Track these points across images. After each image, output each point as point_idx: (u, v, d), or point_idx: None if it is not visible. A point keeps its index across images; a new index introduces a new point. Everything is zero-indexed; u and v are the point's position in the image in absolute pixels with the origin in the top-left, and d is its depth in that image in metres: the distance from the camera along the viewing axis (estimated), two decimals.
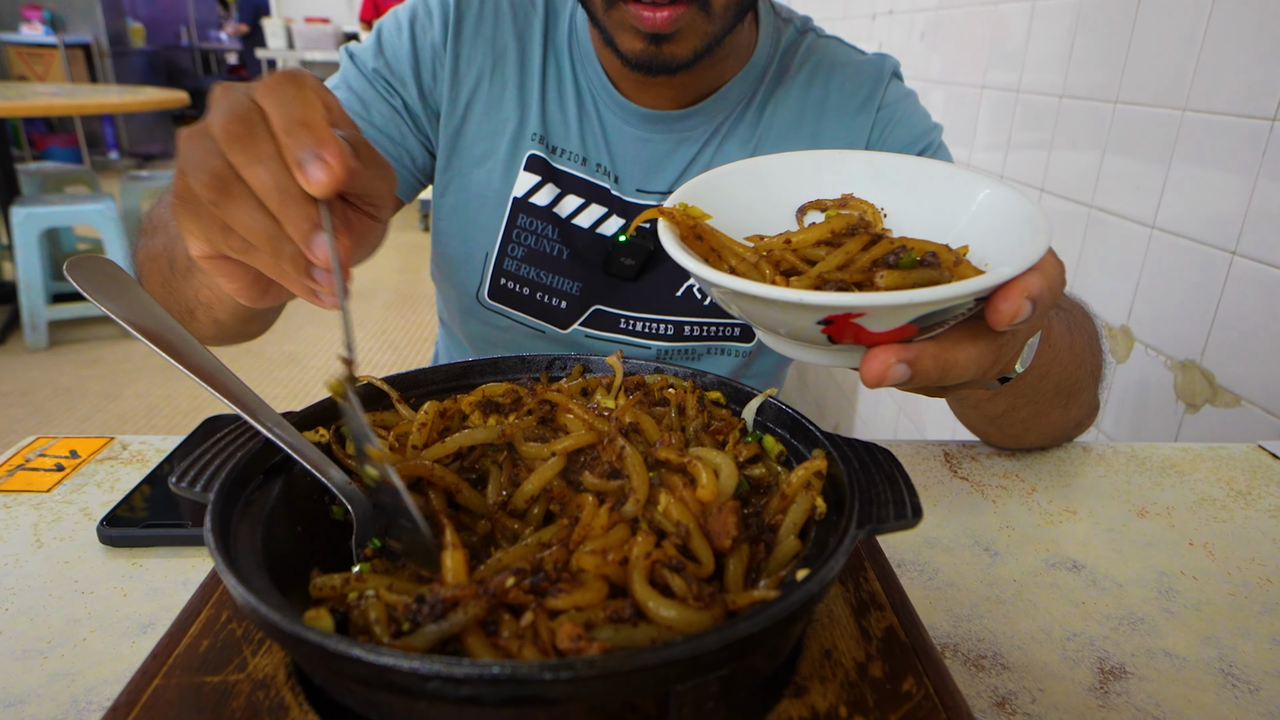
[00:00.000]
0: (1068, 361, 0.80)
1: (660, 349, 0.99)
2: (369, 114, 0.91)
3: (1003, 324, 0.41)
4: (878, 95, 0.97)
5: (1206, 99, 1.15)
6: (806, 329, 0.42)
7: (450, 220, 0.99)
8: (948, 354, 0.43)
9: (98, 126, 7.82)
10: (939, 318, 0.41)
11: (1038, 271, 0.41)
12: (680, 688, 0.33)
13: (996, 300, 0.41)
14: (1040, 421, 0.86)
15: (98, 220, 3.52)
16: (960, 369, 0.44)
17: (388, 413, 0.54)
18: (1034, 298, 0.41)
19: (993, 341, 0.45)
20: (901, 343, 0.42)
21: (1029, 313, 0.41)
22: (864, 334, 0.42)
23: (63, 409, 3.13)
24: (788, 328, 0.44)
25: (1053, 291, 0.42)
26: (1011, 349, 0.47)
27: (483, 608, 0.36)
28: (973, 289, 0.40)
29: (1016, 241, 0.45)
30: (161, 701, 0.38)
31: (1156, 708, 0.57)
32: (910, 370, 0.42)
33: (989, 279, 0.40)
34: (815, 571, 0.36)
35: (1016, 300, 0.41)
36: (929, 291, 0.39)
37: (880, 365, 0.42)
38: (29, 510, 0.76)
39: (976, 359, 0.44)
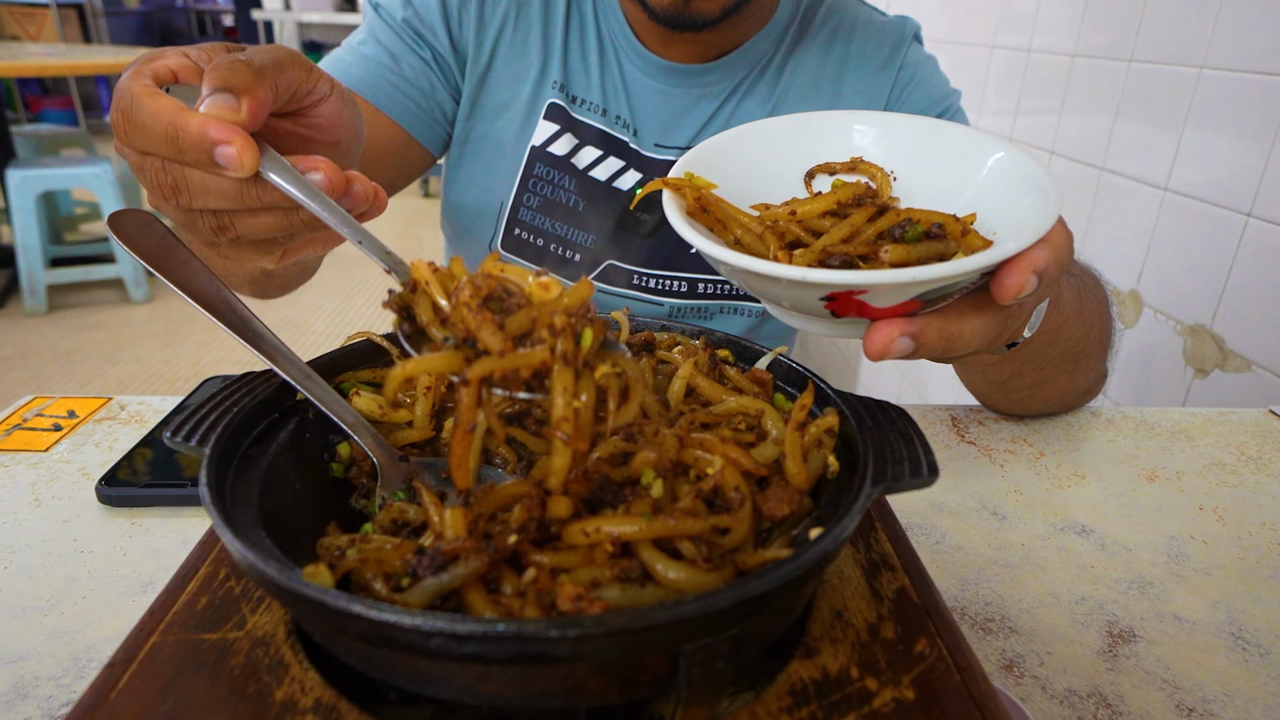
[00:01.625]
0: (1076, 327, 0.79)
1: (673, 306, 0.98)
2: (400, 68, 0.89)
3: (1008, 299, 0.40)
4: (898, 56, 0.96)
5: (1225, 55, 1.12)
6: (810, 304, 0.42)
7: (468, 168, 0.98)
8: (952, 327, 0.42)
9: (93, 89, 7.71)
10: (943, 291, 0.41)
11: (1045, 244, 0.40)
12: (690, 647, 0.32)
13: (1001, 275, 0.40)
14: (1046, 387, 0.85)
15: (94, 183, 3.48)
16: (965, 341, 0.43)
17: (388, 369, 0.52)
18: (1040, 272, 0.40)
19: (998, 314, 0.44)
20: (906, 316, 0.42)
21: (1034, 287, 0.40)
22: (868, 309, 0.41)
23: (63, 373, 3.13)
24: (791, 302, 0.43)
25: (1060, 264, 0.41)
26: (1017, 320, 0.46)
27: (484, 562, 0.35)
28: (976, 265, 0.38)
29: (1026, 210, 0.44)
30: (159, 658, 0.37)
31: (1166, 671, 0.57)
32: (914, 343, 0.41)
33: (993, 254, 0.39)
34: (830, 529, 0.35)
35: (1022, 275, 0.39)
36: (932, 269, 0.38)
37: (884, 339, 0.41)
38: (27, 469, 0.75)
39: (982, 331, 0.43)
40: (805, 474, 0.42)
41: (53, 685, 0.52)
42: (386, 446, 0.46)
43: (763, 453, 0.43)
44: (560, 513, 0.38)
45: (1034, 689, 0.55)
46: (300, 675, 0.37)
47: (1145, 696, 0.55)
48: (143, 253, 0.47)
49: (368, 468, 0.48)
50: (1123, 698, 0.55)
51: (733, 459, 0.41)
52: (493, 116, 0.95)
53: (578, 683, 0.33)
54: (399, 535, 0.42)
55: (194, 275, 0.48)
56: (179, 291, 0.46)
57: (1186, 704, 0.54)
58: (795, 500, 0.41)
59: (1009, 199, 0.47)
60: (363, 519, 0.47)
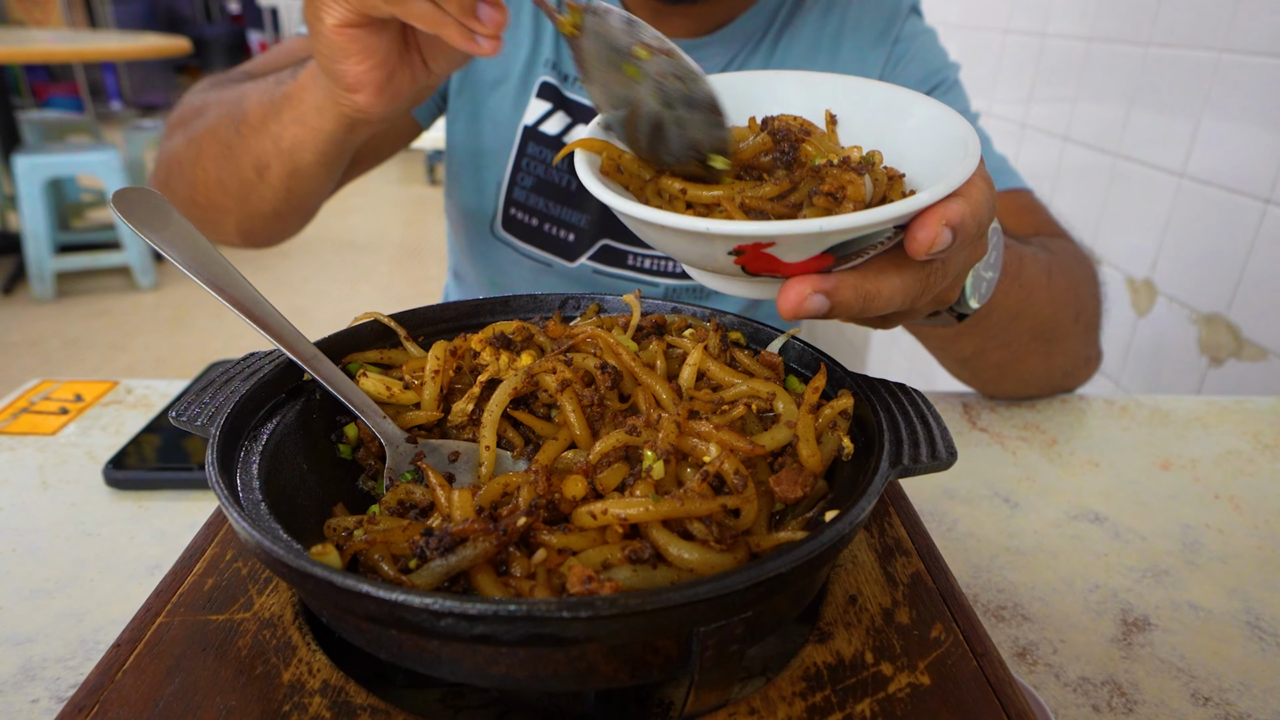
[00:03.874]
0: (1044, 303, 0.77)
1: (669, 286, 0.97)
2: None
3: (920, 253, 0.38)
4: (894, 29, 0.94)
5: (1245, 39, 1.10)
6: (721, 261, 0.40)
7: (464, 148, 0.97)
8: (869, 284, 0.40)
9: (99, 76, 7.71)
10: (858, 246, 0.39)
11: (960, 197, 0.39)
12: (703, 629, 0.32)
13: (913, 228, 0.38)
14: (1017, 367, 0.83)
15: (101, 170, 3.48)
16: (884, 300, 0.41)
17: (395, 350, 0.52)
18: (954, 225, 0.38)
19: (917, 271, 0.42)
20: (820, 273, 0.40)
21: (948, 241, 0.38)
22: (779, 265, 0.39)
23: (71, 360, 3.13)
24: (701, 259, 0.42)
25: (976, 218, 0.39)
26: (941, 279, 0.44)
27: (493, 544, 0.34)
28: (885, 216, 0.37)
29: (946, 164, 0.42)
30: (166, 639, 0.37)
31: (1181, 659, 0.56)
32: (829, 301, 0.40)
33: (902, 206, 0.37)
34: (846, 511, 0.34)
35: (933, 228, 0.38)
36: (839, 219, 0.36)
37: (796, 296, 0.39)
38: (34, 453, 0.75)
39: (901, 289, 0.41)
40: (819, 456, 0.41)
41: (60, 667, 0.51)
42: (394, 428, 0.46)
43: (776, 436, 0.42)
44: (576, 493, 0.37)
45: (1047, 677, 0.54)
46: (308, 656, 0.36)
47: (1160, 685, 0.54)
48: (148, 231, 0.46)
49: (375, 449, 0.47)
50: (1137, 686, 0.54)
51: (728, 444, 0.40)
52: (484, 93, 0.94)
53: (589, 665, 0.32)
54: (406, 516, 0.41)
55: (201, 254, 0.47)
56: (186, 270, 0.46)
57: (1202, 693, 0.54)
58: (809, 483, 0.40)
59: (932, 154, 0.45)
60: (370, 500, 0.47)
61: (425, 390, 0.48)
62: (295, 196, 0.80)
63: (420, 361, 0.50)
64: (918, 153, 0.46)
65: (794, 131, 0.47)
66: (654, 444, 0.40)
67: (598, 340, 0.49)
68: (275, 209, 0.82)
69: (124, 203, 0.47)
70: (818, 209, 0.41)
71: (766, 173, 0.45)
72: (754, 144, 0.46)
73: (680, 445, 0.41)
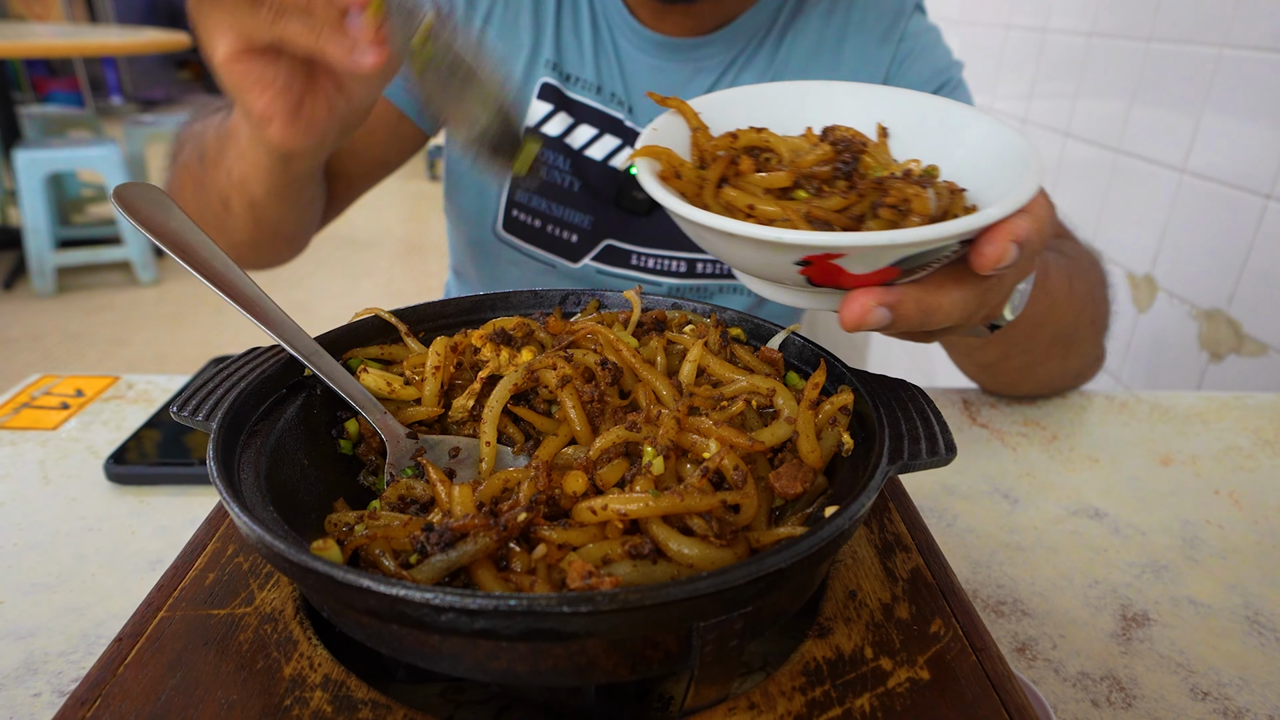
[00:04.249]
0: (1066, 311, 0.78)
1: (672, 286, 0.97)
2: None
3: (987, 268, 0.39)
4: (899, 27, 0.94)
5: (1247, 34, 1.09)
6: (785, 271, 0.40)
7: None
8: (931, 298, 0.41)
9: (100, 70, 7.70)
10: (922, 260, 0.39)
11: (1026, 214, 0.39)
12: (703, 624, 0.32)
13: (981, 243, 0.39)
14: (1036, 371, 0.84)
15: (102, 165, 3.48)
16: (943, 314, 0.42)
17: (396, 346, 0.52)
18: (1020, 241, 0.38)
19: (978, 286, 0.42)
20: (883, 286, 0.40)
21: (1014, 257, 0.39)
22: (844, 276, 0.40)
23: (72, 355, 3.14)
24: (765, 268, 0.42)
25: (1041, 235, 0.40)
26: (998, 294, 0.45)
27: (493, 539, 0.35)
28: (957, 230, 0.37)
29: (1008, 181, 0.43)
30: (167, 633, 0.37)
31: (1180, 654, 0.56)
32: (891, 314, 0.40)
33: (973, 220, 0.38)
34: (845, 507, 0.34)
35: (1001, 244, 0.38)
36: (912, 232, 0.37)
37: (860, 308, 0.40)
38: (35, 447, 0.75)
39: (961, 304, 0.42)
40: (819, 452, 0.41)
41: (62, 661, 0.52)
42: (395, 423, 0.46)
43: (776, 432, 0.42)
44: (576, 488, 0.37)
45: (1046, 672, 0.55)
46: (309, 651, 0.36)
47: (1159, 680, 0.54)
48: (149, 226, 0.46)
49: (376, 445, 0.48)
50: (1136, 681, 0.54)
51: (728, 440, 0.40)
52: None
53: (590, 660, 0.32)
54: (407, 512, 0.41)
55: (201, 249, 0.47)
56: (186, 265, 0.46)
57: (1201, 688, 0.54)
58: (809, 478, 0.40)
59: (991, 171, 0.46)
60: (371, 496, 0.47)
61: (426, 386, 0.48)
62: (264, 226, 0.79)
63: (421, 357, 0.50)
64: (975, 168, 0.47)
65: (856, 143, 0.47)
66: (654, 440, 0.41)
67: (598, 336, 0.49)
68: (251, 238, 0.81)
69: (125, 198, 0.47)
70: (882, 221, 0.41)
71: (825, 183, 0.45)
72: (814, 153, 0.46)
73: (680, 441, 0.41)
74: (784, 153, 0.47)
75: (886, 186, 0.42)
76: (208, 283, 0.46)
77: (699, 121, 0.50)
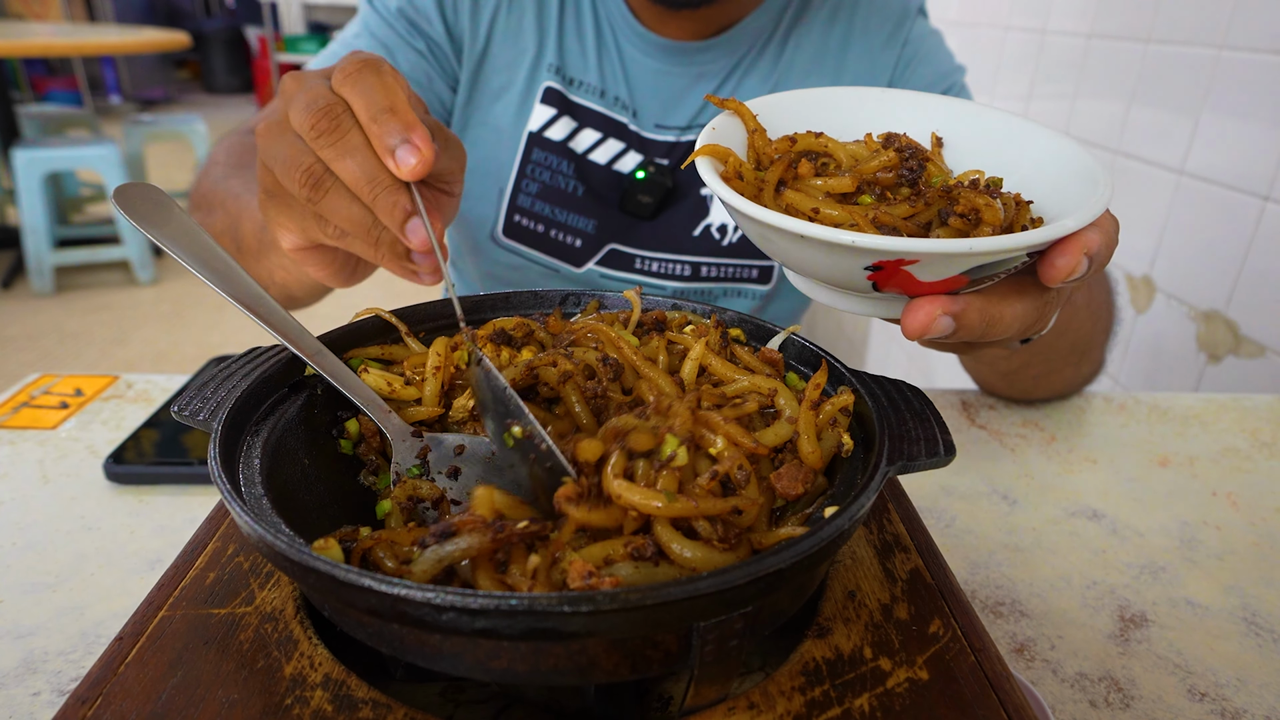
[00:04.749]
0: (1085, 319, 0.79)
1: (676, 290, 0.97)
2: (394, 60, 0.88)
3: (1058, 280, 0.39)
4: (902, 32, 0.94)
5: (1246, 36, 1.10)
6: (852, 275, 0.40)
7: (469, 154, 0.96)
8: (994, 308, 0.41)
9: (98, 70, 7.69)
10: (991, 270, 0.39)
11: (1097, 228, 0.39)
12: (704, 624, 0.32)
13: (1054, 255, 0.39)
14: (1052, 378, 0.85)
15: (100, 164, 3.47)
16: (1005, 325, 0.42)
17: (396, 346, 0.52)
18: (1092, 254, 0.39)
19: (1040, 298, 0.43)
20: (948, 295, 0.40)
21: (1085, 269, 0.39)
22: (912, 283, 0.39)
23: (70, 354, 3.13)
24: (833, 273, 0.41)
25: (1110, 249, 0.40)
26: (1056, 306, 0.45)
27: (488, 540, 0.34)
28: (1033, 241, 0.37)
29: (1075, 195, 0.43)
30: (168, 632, 0.37)
31: (1178, 655, 0.57)
32: (955, 324, 0.40)
33: (1049, 232, 0.38)
34: (845, 507, 0.35)
35: (1075, 256, 0.39)
36: (989, 241, 0.37)
37: (926, 316, 0.40)
38: (35, 447, 0.75)
39: (1022, 315, 0.42)
40: (820, 453, 0.41)
41: (61, 660, 0.52)
42: (400, 423, 0.46)
43: (777, 432, 0.42)
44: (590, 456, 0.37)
45: (1045, 672, 0.55)
46: (309, 650, 0.36)
47: (1157, 680, 0.54)
48: (149, 227, 0.46)
49: (376, 444, 0.48)
50: (1134, 681, 0.54)
51: (733, 438, 0.40)
52: (490, 102, 0.94)
53: (590, 659, 0.32)
54: (415, 510, 0.42)
55: (202, 249, 0.47)
56: (188, 265, 0.46)
57: (1199, 688, 0.54)
58: (809, 479, 0.40)
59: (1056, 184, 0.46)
60: (371, 496, 0.47)
61: (427, 386, 0.48)
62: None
63: (421, 357, 0.50)
64: (1039, 181, 0.47)
65: (921, 150, 0.47)
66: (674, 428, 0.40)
67: (598, 334, 0.49)
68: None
69: (125, 198, 0.47)
70: (951, 230, 0.41)
71: (889, 189, 0.45)
72: (878, 159, 0.46)
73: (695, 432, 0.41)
74: (842, 158, 0.47)
75: (956, 195, 0.42)
76: (211, 283, 0.46)
77: (756, 123, 0.49)
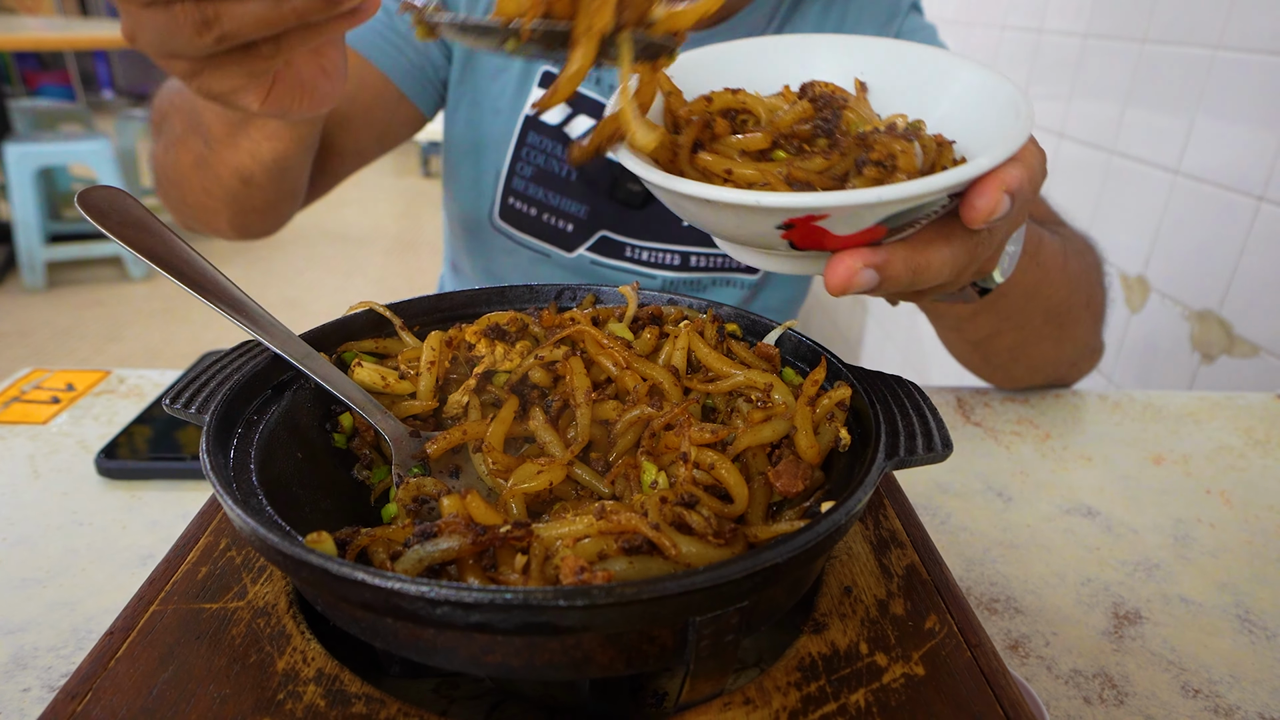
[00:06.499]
0: (1059, 284, 0.76)
1: (666, 279, 0.98)
2: (392, 20, 0.88)
3: (979, 221, 0.37)
4: (893, 25, 0.95)
5: (1241, 36, 1.10)
6: (767, 235, 0.38)
7: (463, 138, 0.97)
8: (919, 256, 0.39)
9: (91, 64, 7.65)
10: (910, 217, 0.37)
11: (1017, 162, 0.37)
12: (699, 619, 0.32)
13: (972, 196, 0.37)
14: (1029, 351, 0.83)
15: (93, 159, 3.46)
16: (934, 271, 0.40)
17: (390, 341, 0.52)
18: (1012, 191, 0.37)
19: (968, 241, 0.40)
20: (869, 245, 0.38)
21: (1007, 208, 0.37)
22: (829, 238, 0.38)
23: (62, 350, 3.12)
24: (747, 234, 0.40)
25: (1033, 184, 0.38)
26: (988, 248, 0.43)
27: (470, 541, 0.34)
28: (944, 184, 0.35)
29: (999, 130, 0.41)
30: (159, 627, 0.37)
31: (1172, 652, 0.57)
32: (879, 275, 0.38)
33: (961, 173, 0.36)
34: (842, 502, 0.34)
35: (993, 195, 0.36)
36: (897, 188, 0.35)
37: (846, 270, 0.38)
38: (25, 442, 0.74)
39: (951, 260, 0.40)
40: (817, 448, 0.41)
41: (52, 656, 0.51)
42: (397, 424, 0.46)
43: (775, 427, 0.42)
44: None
45: (1039, 669, 0.55)
46: (302, 645, 0.36)
47: (1151, 677, 0.54)
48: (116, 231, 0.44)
49: (370, 438, 0.47)
50: (1128, 678, 0.54)
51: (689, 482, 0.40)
52: (486, 81, 0.94)
53: (585, 654, 0.32)
54: (421, 510, 0.41)
55: (177, 256, 0.46)
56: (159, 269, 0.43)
57: (1192, 685, 0.54)
58: (808, 475, 0.40)
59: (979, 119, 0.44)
60: (365, 490, 0.47)
61: (421, 381, 0.48)
62: (286, 189, 0.80)
63: (416, 351, 0.50)
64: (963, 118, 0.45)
65: (836, 98, 0.45)
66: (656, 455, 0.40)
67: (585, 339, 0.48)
68: (267, 203, 0.81)
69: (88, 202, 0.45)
70: (867, 179, 0.39)
71: (805, 142, 0.43)
72: (792, 112, 0.44)
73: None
74: (761, 113, 0.46)
75: (870, 142, 0.40)
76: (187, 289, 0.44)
77: (672, 85, 0.47)
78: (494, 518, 0.37)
